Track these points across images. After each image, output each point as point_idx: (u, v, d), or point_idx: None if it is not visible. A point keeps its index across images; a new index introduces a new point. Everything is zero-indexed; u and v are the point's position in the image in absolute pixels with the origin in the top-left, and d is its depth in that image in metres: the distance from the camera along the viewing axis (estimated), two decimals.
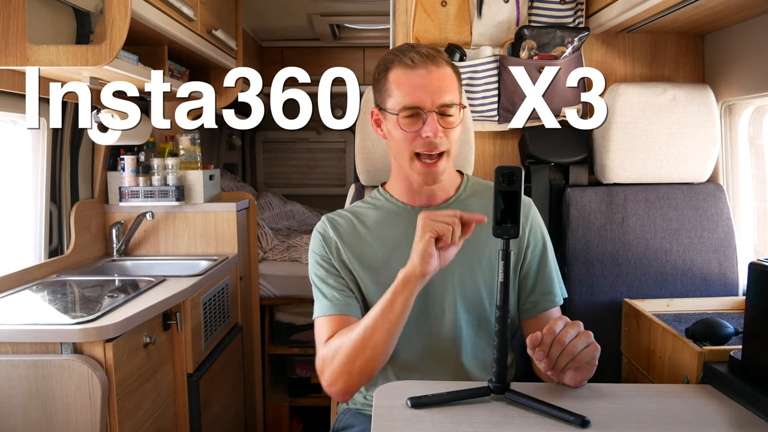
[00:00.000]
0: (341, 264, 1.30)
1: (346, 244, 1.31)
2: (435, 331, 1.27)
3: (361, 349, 1.15)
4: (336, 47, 3.86)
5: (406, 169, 1.26)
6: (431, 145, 1.21)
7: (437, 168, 1.23)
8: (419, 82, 1.21)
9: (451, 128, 1.23)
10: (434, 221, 1.09)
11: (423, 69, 1.21)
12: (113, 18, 1.54)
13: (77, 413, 1.47)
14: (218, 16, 2.45)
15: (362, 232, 1.32)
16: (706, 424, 0.96)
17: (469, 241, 1.26)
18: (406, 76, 1.22)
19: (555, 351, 1.02)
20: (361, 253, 1.29)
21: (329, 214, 1.37)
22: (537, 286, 1.32)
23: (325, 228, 1.33)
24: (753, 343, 1.05)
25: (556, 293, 1.32)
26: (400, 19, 1.82)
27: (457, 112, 1.24)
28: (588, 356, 1.03)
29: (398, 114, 1.22)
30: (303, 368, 3.14)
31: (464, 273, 1.27)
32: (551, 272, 1.33)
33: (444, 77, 1.22)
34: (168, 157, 2.44)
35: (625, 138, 1.66)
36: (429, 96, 1.20)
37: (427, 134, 1.20)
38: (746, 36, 1.59)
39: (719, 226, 1.65)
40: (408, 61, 1.22)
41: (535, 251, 1.32)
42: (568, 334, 1.02)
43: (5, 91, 1.68)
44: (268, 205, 3.95)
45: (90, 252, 2.33)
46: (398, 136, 1.24)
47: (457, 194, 1.34)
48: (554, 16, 1.77)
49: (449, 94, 1.22)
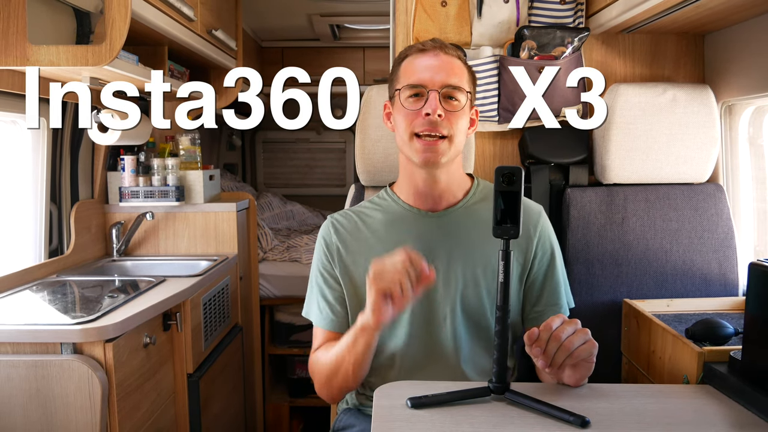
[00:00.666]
0: (342, 267, 1.30)
1: (348, 247, 1.30)
2: (436, 337, 1.27)
3: (333, 374, 1.22)
4: (336, 47, 3.86)
5: (407, 151, 1.24)
6: (431, 124, 1.19)
7: (436, 147, 1.20)
8: (426, 64, 1.23)
9: (455, 112, 1.21)
10: (381, 277, 1.05)
11: (432, 53, 1.23)
12: (113, 18, 1.54)
13: (77, 413, 1.47)
14: (218, 16, 2.45)
15: (366, 235, 1.31)
16: (706, 424, 0.96)
17: (473, 249, 1.27)
18: (415, 60, 1.25)
19: (552, 347, 1.01)
20: (363, 256, 1.28)
21: (334, 216, 1.36)
22: (543, 296, 1.30)
23: (328, 232, 1.33)
24: (753, 343, 1.05)
25: (562, 304, 1.31)
26: (400, 19, 1.82)
27: (463, 99, 1.22)
28: (585, 353, 1.03)
29: (400, 90, 1.23)
30: (303, 368, 3.14)
31: (467, 280, 1.26)
32: (558, 283, 1.32)
33: (453, 63, 1.23)
34: (168, 157, 2.44)
35: (625, 138, 1.66)
36: (433, 75, 1.21)
37: (427, 111, 1.19)
38: (746, 36, 1.59)
39: (719, 227, 1.65)
40: (420, 46, 1.25)
41: (542, 262, 1.30)
42: (564, 330, 1.02)
43: (5, 91, 1.68)
44: (268, 206, 3.95)
45: (90, 252, 2.33)
46: (400, 118, 1.24)
47: (466, 198, 1.32)
48: (554, 17, 1.77)
49: (455, 77, 1.22)
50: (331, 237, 1.32)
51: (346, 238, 1.31)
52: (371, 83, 3.74)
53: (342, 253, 1.30)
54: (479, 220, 1.28)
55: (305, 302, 1.37)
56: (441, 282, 1.25)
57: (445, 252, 1.27)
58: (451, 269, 1.26)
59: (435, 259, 1.25)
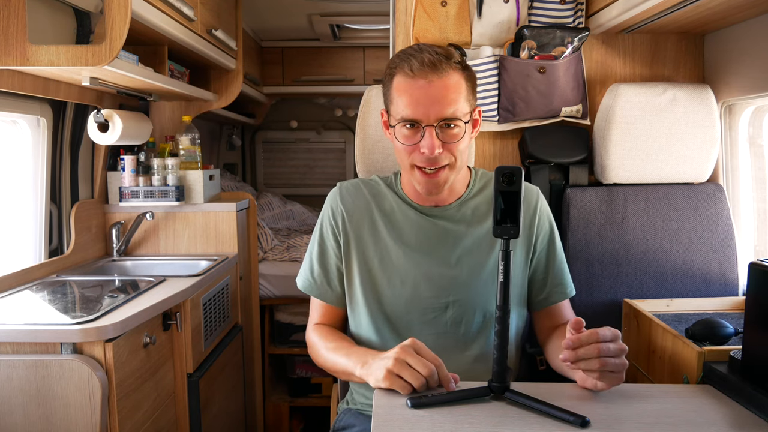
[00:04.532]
0: (345, 237, 1.32)
1: (353, 218, 1.32)
2: (442, 333, 1.27)
3: (323, 367, 1.29)
4: (336, 47, 3.86)
5: (407, 176, 1.27)
6: (429, 160, 1.18)
7: (438, 179, 1.22)
8: (418, 96, 1.16)
9: (454, 142, 1.19)
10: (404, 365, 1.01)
11: (423, 80, 1.16)
12: (113, 18, 1.54)
13: (77, 413, 1.47)
14: (218, 16, 2.45)
15: (374, 212, 1.32)
16: (706, 424, 0.96)
17: (478, 245, 1.27)
18: (406, 85, 1.18)
19: (586, 353, 0.99)
20: (368, 231, 1.31)
21: (343, 183, 1.38)
22: (548, 277, 1.32)
23: (335, 199, 1.35)
24: (753, 343, 1.05)
25: (567, 284, 1.33)
26: (400, 19, 1.82)
27: (462, 125, 1.19)
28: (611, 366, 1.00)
29: (396, 126, 1.21)
30: (303, 368, 3.14)
31: (471, 271, 1.27)
32: (561, 263, 1.34)
33: (447, 88, 1.16)
34: (168, 157, 2.44)
35: (625, 138, 1.66)
36: (427, 110, 1.16)
37: (423, 150, 1.17)
38: (746, 36, 1.59)
39: (719, 226, 1.65)
40: (408, 70, 1.17)
41: (544, 241, 1.33)
42: (608, 348, 0.99)
43: (5, 91, 1.68)
44: (268, 205, 3.95)
45: (90, 252, 2.33)
46: (399, 146, 1.23)
47: (466, 193, 1.33)
48: (554, 16, 1.77)
49: (451, 107, 1.16)
50: (338, 204, 1.33)
51: (352, 208, 1.32)
52: (371, 83, 3.76)
53: (346, 223, 1.32)
54: (480, 211, 1.31)
55: (300, 271, 1.39)
56: (443, 272, 1.26)
57: (448, 245, 1.27)
58: (454, 259, 1.27)
59: (438, 253, 1.26)
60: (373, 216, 1.32)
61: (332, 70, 3.85)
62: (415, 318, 1.27)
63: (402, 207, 1.32)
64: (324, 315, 1.36)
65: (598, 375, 1.01)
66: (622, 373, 1.02)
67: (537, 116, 1.77)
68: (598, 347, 0.99)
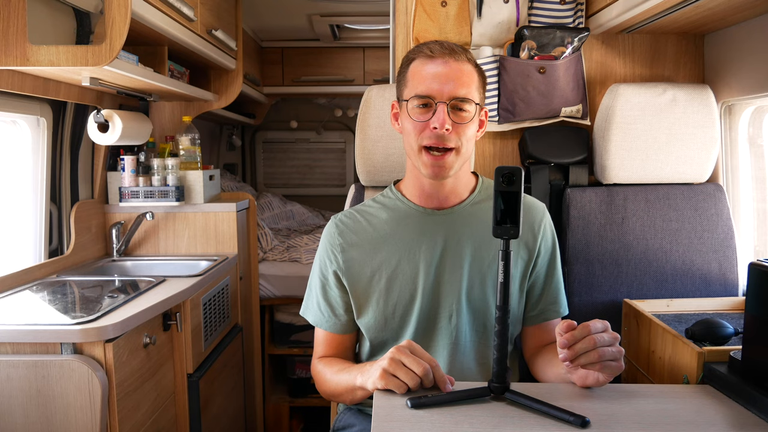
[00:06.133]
0: (347, 268, 1.29)
1: (353, 247, 1.30)
2: (440, 335, 1.27)
3: (330, 395, 1.29)
4: (336, 47, 3.86)
5: (415, 161, 1.25)
6: (439, 137, 1.19)
7: (444, 161, 1.21)
8: (434, 72, 1.20)
9: (463, 123, 1.20)
10: (399, 365, 1.03)
11: (441, 60, 1.21)
12: (113, 18, 1.54)
13: (77, 413, 1.47)
14: (218, 16, 2.45)
15: (372, 234, 1.31)
16: (706, 424, 0.96)
17: (479, 248, 1.27)
18: (423, 66, 1.22)
19: (582, 347, 1.00)
20: (369, 255, 1.29)
21: (338, 216, 1.36)
22: (544, 294, 1.32)
23: (333, 233, 1.33)
24: (753, 343, 1.05)
25: (561, 303, 1.33)
26: (400, 20, 1.82)
27: (472, 109, 1.22)
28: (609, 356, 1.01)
29: (408, 101, 1.22)
30: (303, 368, 3.14)
31: (473, 278, 1.27)
32: (558, 282, 1.34)
33: (462, 71, 1.21)
34: (168, 158, 2.44)
35: (625, 138, 1.66)
36: (441, 86, 1.19)
37: (434, 125, 1.18)
38: (746, 36, 1.59)
39: (719, 227, 1.65)
40: (428, 51, 1.22)
41: (545, 259, 1.32)
42: (603, 338, 1.00)
43: (5, 91, 1.68)
44: (268, 206, 3.95)
45: (90, 252, 2.33)
46: (408, 127, 1.23)
47: (471, 197, 1.32)
48: (554, 17, 1.77)
49: (464, 88, 1.20)
50: (335, 239, 1.32)
51: (351, 239, 1.31)
52: (371, 83, 3.76)
53: (347, 254, 1.30)
54: (484, 218, 1.29)
55: (303, 301, 1.38)
56: (447, 279, 1.26)
57: (451, 249, 1.27)
58: (457, 267, 1.27)
59: (440, 257, 1.26)
60: (374, 240, 1.30)
61: (332, 71, 3.85)
62: (420, 327, 1.27)
63: (403, 209, 1.32)
64: (330, 346, 1.34)
65: (599, 367, 1.02)
66: (620, 360, 1.02)
67: (537, 116, 1.77)
68: (593, 338, 1.00)
